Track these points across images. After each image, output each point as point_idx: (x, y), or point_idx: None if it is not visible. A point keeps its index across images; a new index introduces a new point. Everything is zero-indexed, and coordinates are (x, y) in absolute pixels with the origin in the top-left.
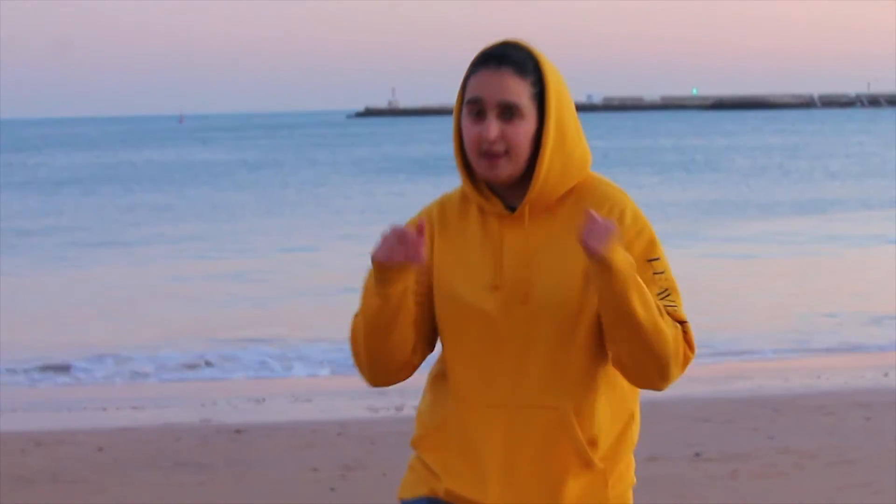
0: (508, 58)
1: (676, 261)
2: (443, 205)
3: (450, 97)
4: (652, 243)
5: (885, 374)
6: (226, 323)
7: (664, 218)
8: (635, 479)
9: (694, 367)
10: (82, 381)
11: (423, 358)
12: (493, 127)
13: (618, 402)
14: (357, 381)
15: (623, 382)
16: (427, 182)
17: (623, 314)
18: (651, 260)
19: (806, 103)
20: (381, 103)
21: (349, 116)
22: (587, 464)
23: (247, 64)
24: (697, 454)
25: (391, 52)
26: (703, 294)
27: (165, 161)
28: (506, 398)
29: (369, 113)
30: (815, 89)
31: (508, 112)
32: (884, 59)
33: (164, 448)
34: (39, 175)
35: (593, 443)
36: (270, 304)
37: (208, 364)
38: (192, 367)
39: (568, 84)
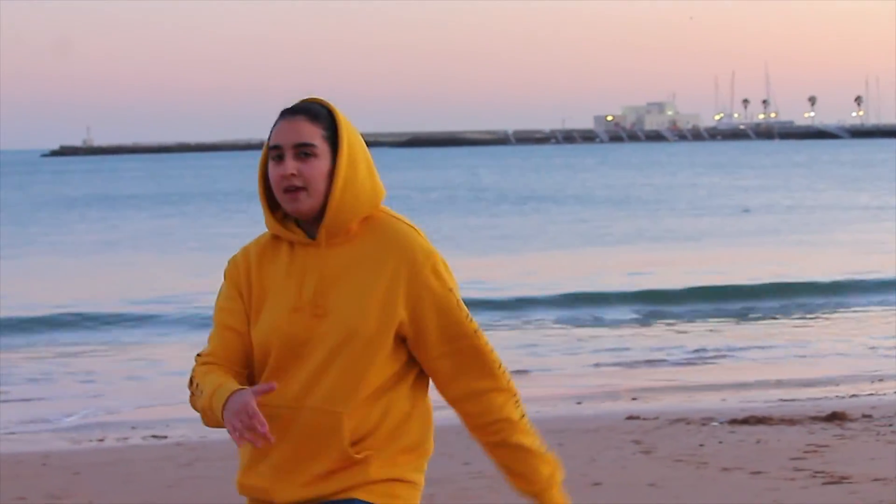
0: (302, 108)
1: None
2: (260, 245)
3: (146, 136)
4: (455, 290)
5: (579, 403)
6: None
7: None
8: (418, 481)
9: None
10: None
11: None
12: (290, 165)
13: (392, 405)
14: (57, 414)
15: (404, 389)
16: (131, 216)
17: None
18: (459, 304)
19: (501, 140)
20: (76, 142)
21: (44, 155)
22: (348, 460)
23: None
24: None
25: (86, 89)
26: None
27: None
28: (294, 401)
29: (64, 152)
30: (511, 125)
31: (303, 152)
32: (579, 96)
33: None
34: None
35: (359, 442)
36: None
37: None
38: None
39: (238, 122)
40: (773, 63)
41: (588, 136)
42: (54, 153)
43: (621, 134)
